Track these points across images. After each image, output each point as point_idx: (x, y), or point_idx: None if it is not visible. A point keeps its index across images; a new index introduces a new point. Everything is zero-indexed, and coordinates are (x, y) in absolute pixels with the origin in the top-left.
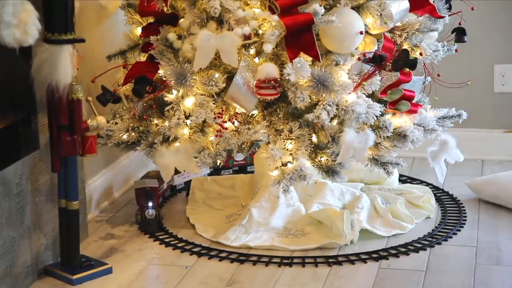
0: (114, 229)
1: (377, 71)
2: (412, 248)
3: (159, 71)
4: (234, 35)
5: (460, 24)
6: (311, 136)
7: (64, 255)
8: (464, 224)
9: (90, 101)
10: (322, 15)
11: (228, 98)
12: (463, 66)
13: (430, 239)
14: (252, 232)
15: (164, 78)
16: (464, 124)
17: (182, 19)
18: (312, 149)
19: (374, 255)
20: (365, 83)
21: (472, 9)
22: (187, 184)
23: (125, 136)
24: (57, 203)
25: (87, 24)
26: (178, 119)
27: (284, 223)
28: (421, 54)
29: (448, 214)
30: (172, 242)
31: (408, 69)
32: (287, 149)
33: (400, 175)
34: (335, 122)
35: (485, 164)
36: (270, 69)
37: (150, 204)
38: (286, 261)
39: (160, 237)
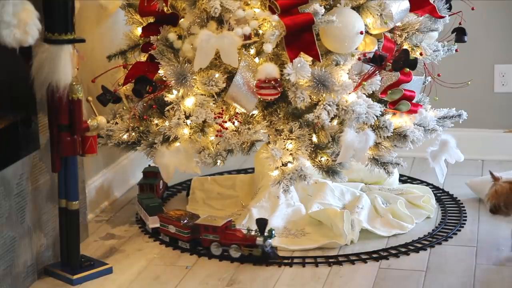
0: (114, 229)
1: (377, 71)
2: (412, 248)
3: (159, 71)
4: (234, 35)
5: (460, 24)
6: (311, 136)
7: (64, 255)
8: (464, 224)
9: (90, 101)
10: (322, 15)
11: (228, 98)
12: (463, 66)
13: (430, 239)
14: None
15: (164, 78)
16: (464, 124)
17: (182, 19)
18: (312, 149)
19: (374, 255)
20: (365, 83)
21: (472, 9)
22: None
23: (125, 136)
24: (57, 203)
25: (87, 24)
26: (178, 119)
27: (284, 223)
28: (421, 54)
29: (448, 214)
30: (172, 242)
31: (408, 69)
32: (287, 149)
33: (400, 175)
34: (335, 122)
35: (485, 164)
36: (270, 69)
37: (274, 232)
38: (286, 261)
39: (160, 237)
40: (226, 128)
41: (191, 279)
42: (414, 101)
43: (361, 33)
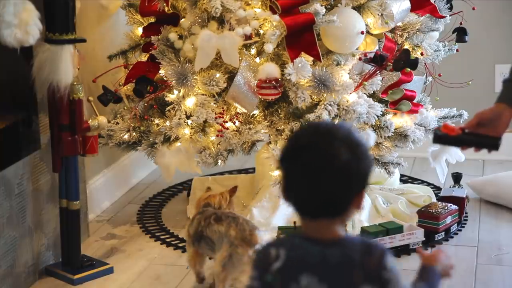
0: (115, 229)
1: (378, 71)
2: (413, 247)
3: (160, 71)
4: (235, 35)
5: (461, 24)
6: None
7: (65, 255)
8: (465, 224)
9: (91, 101)
10: (323, 15)
11: (229, 98)
12: (464, 66)
13: None
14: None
15: (165, 78)
16: None
17: (183, 19)
18: None
19: None
20: (366, 83)
21: (473, 9)
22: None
23: (126, 136)
24: (58, 203)
25: (88, 24)
26: (179, 119)
27: (285, 223)
28: (422, 54)
29: None
30: (173, 242)
31: (409, 69)
32: None
33: (401, 175)
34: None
35: (486, 164)
36: (271, 69)
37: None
38: None
39: (161, 237)
40: (227, 128)
41: (192, 279)
42: (415, 101)
43: (362, 33)
